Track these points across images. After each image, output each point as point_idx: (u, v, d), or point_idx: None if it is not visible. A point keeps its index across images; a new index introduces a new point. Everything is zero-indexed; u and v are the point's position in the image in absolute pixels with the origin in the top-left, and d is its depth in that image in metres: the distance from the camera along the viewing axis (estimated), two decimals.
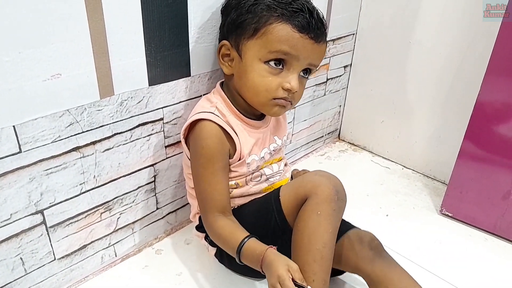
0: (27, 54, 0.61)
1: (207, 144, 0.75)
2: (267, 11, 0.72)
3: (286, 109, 0.79)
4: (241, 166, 0.80)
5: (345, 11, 1.19)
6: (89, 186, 0.78)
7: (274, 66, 0.73)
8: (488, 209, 1.02)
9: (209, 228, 0.78)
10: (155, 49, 0.77)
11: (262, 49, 0.73)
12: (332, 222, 0.71)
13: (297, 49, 0.72)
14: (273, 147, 0.86)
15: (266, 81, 0.74)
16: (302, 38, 0.72)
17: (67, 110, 0.69)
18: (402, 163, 1.33)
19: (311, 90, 1.22)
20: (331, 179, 0.73)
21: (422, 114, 1.22)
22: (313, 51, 0.74)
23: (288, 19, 0.71)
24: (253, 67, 0.74)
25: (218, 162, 0.76)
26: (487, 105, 0.94)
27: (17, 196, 0.68)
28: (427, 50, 1.15)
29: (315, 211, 0.71)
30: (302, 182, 0.75)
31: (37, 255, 0.75)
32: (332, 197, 0.71)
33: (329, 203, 0.71)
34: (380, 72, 1.27)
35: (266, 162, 0.85)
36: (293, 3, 0.72)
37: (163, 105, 0.83)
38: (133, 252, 0.93)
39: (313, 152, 1.38)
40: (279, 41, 0.71)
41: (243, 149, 0.78)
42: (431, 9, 1.11)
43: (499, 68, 0.90)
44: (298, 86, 0.75)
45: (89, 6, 0.65)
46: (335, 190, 0.72)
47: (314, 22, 0.72)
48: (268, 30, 0.72)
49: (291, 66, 0.74)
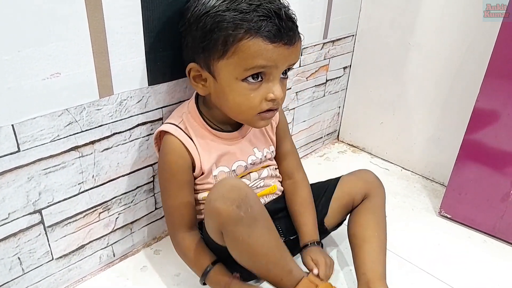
0: (27, 53, 0.61)
1: (168, 160, 0.76)
2: (233, 27, 0.66)
3: (273, 116, 0.77)
4: (207, 179, 0.79)
5: (344, 12, 1.20)
6: (87, 185, 0.78)
7: (253, 81, 0.70)
8: (487, 210, 1.02)
9: (176, 246, 0.81)
10: (155, 49, 0.77)
11: (237, 68, 0.68)
12: (251, 237, 0.67)
13: (273, 59, 0.68)
14: (252, 159, 0.82)
15: (249, 99, 0.71)
16: (276, 47, 0.67)
17: (66, 109, 0.69)
18: (401, 164, 1.33)
19: (310, 91, 1.22)
20: (225, 197, 0.65)
21: (421, 116, 1.23)
22: (289, 54, 0.70)
23: (257, 32, 0.65)
24: (231, 87, 0.70)
25: (181, 178, 0.77)
26: (486, 107, 0.95)
27: (15, 196, 0.68)
28: (426, 51, 1.15)
29: (232, 239, 0.68)
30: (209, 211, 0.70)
31: (35, 255, 0.75)
32: (235, 216, 0.65)
33: (234, 225, 0.66)
34: (379, 73, 1.27)
35: (242, 173, 0.82)
36: (258, 9, 0.66)
37: (162, 105, 0.83)
38: (131, 252, 0.93)
39: (312, 153, 1.38)
40: (253, 57, 0.67)
41: (203, 163, 0.77)
42: (430, 11, 1.11)
43: (499, 70, 0.90)
44: (281, 91, 0.72)
45: (89, 6, 0.65)
46: (236, 206, 0.64)
47: (284, 25, 0.67)
48: (239, 48, 0.66)
49: (270, 75, 0.70)
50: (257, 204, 0.69)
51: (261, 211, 0.70)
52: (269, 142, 0.87)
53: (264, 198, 0.85)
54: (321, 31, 1.14)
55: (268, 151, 0.86)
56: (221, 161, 0.79)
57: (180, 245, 0.80)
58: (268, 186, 0.86)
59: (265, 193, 0.85)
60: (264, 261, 0.70)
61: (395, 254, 0.96)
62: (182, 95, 0.85)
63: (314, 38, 1.13)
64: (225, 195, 0.66)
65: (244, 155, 0.82)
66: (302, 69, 1.15)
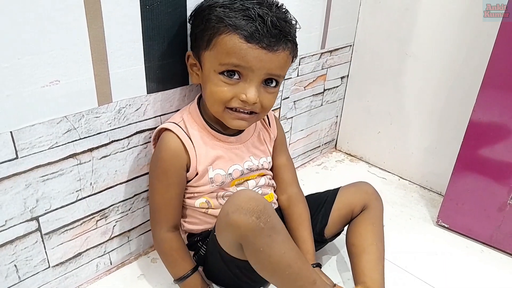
0: (27, 61, 0.61)
1: (162, 157, 0.76)
2: (217, 22, 0.69)
3: (251, 121, 0.76)
4: (202, 180, 0.78)
5: (342, 23, 1.21)
6: (85, 193, 0.78)
7: (228, 77, 0.71)
8: (484, 220, 1.03)
9: (158, 243, 0.81)
10: (154, 58, 0.77)
11: (215, 61, 0.71)
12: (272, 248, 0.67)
13: (247, 60, 0.68)
14: (248, 165, 0.82)
15: (221, 91, 0.71)
16: (252, 49, 0.68)
17: (65, 116, 0.69)
18: (398, 174, 1.33)
19: (308, 100, 1.23)
20: (244, 209, 0.65)
21: (418, 125, 1.23)
22: (268, 61, 0.69)
23: (236, 29, 0.68)
24: (210, 77, 0.72)
25: (172, 177, 0.77)
26: (483, 117, 0.95)
27: (12, 203, 0.68)
28: (423, 62, 1.16)
29: (252, 251, 0.68)
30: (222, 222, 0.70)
31: (31, 262, 0.75)
32: (255, 227, 0.65)
33: (254, 236, 0.66)
34: (376, 83, 1.28)
35: (238, 179, 0.82)
36: (246, 11, 0.68)
37: (160, 113, 0.83)
38: (128, 260, 0.93)
39: (310, 162, 1.38)
40: (227, 53, 0.69)
41: (198, 163, 0.77)
42: (427, 22, 1.12)
43: (495, 81, 0.91)
44: (256, 97, 0.71)
45: (89, 14, 0.65)
46: (256, 217, 0.65)
47: (265, 30, 0.67)
48: (218, 42, 0.69)
49: (247, 77, 0.71)
50: (274, 215, 0.69)
51: (279, 221, 0.70)
52: (267, 153, 0.87)
53: None
54: (319, 41, 1.16)
55: (265, 160, 0.86)
56: (217, 164, 0.79)
57: (162, 244, 0.80)
58: (266, 194, 0.86)
59: None
60: (287, 272, 0.69)
61: (392, 263, 0.96)
62: (181, 103, 0.86)
63: (312, 48, 1.14)
64: (243, 207, 0.65)
65: (241, 160, 0.82)
66: (300, 79, 1.16)
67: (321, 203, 0.90)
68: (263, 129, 0.88)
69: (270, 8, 0.70)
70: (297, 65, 1.12)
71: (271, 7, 0.70)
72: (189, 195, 0.80)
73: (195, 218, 0.82)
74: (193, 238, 0.84)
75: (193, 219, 0.83)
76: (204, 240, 0.82)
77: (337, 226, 0.90)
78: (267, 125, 0.89)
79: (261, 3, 0.70)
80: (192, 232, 0.84)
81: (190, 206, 0.81)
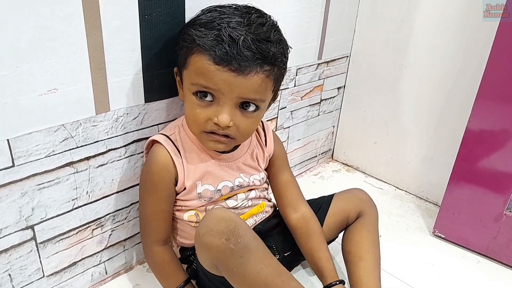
0: (25, 69, 0.61)
1: (151, 170, 0.76)
2: (190, 41, 0.68)
3: (228, 145, 0.75)
4: (190, 195, 0.77)
5: (339, 34, 1.22)
6: (81, 202, 0.77)
7: (200, 98, 0.69)
8: (480, 231, 1.03)
9: (148, 257, 0.82)
10: (152, 67, 0.78)
11: (188, 81, 0.70)
12: (246, 268, 0.66)
13: (215, 82, 0.66)
14: (239, 182, 0.81)
15: (195, 113, 0.71)
16: (220, 71, 0.65)
17: (62, 125, 0.69)
18: (395, 184, 1.33)
19: (305, 110, 1.24)
20: (213, 231, 0.64)
21: (415, 136, 1.24)
22: (238, 84, 0.66)
23: (205, 50, 0.66)
24: (187, 97, 0.72)
25: (162, 190, 0.76)
26: (478, 127, 0.96)
27: (8, 211, 0.67)
28: (419, 72, 1.17)
29: (226, 271, 0.68)
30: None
31: (26, 272, 0.74)
32: (225, 249, 0.64)
33: (225, 258, 0.65)
34: (373, 93, 1.29)
35: (228, 194, 0.81)
36: (219, 31, 0.66)
37: (158, 122, 0.84)
38: (124, 269, 0.92)
39: (306, 171, 1.38)
40: (196, 73, 0.68)
41: (186, 178, 0.76)
42: (422, 33, 1.14)
43: (490, 91, 0.92)
44: (229, 121, 0.69)
45: (88, 23, 0.66)
46: (225, 239, 0.64)
47: (235, 52, 0.64)
48: (190, 61, 0.69)
49: (220, 100, 0.68)
50: (247, 233, 0.67)
51: (252, 240, 0.67)
52: (259, 169, 0.85)
53: (254, 217, 0.85)
54: (316, 52, 1.16)
55: (257, 178, 0.84)
56: (206, 179, 0.78)
57: (153, 258, 0.80)
58: (256, 205, 0.85)
59: (254, 212, 0.85)
60: None
61: (389, 274, 0.96)
62: (178, 112, 0.86)
63: (309, 58, 1.15)
64: (213, 229, 0.64)
65: (231, 177, 0.80)
66: (297, 89, 1.17)
67: (315, 209, 0.89)
68: (257, 146, 0.86)
69: (249, 27, 0.67)
70: (294, 76, 1.13)
71: (250, 26, 0.67)
72: (178, 207, 0.80)
73: (185, 232, 0.82)
74: (185, 252, 0.84)
75: (183, 233, 0.82)
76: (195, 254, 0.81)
77: (332, 232, 0.90)
78: (263, 143, 0.87)
79: (241, 22, 0.67)
80: (184, 246, 0.84)
81: (179, 219, 0.81)
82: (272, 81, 0.71)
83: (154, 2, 0.73)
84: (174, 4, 0.76)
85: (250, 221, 0.84)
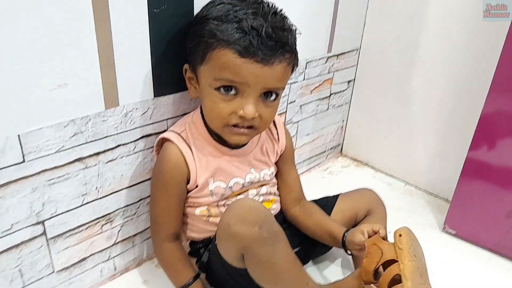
0: (35, 64, 0.61)
1: (163, 169, 0.76)
2: (210, 36, 0.67)
3: (251, 136, 0.75)
4: (202, 192, 0.77)
5: (349, 27, 1.20)
6: (91, 197, 0.77)
7: (224, 92, 0.69)
8: (491, 227, 1.02)
9: (158, 253, 0.82)
10: (161, 61, 0.77)
11: (210, 76, 0.69)
12: (275, 257, 0.68)
13: (242, 75, 0.66)
14: (250, 178, 0.81)
15: (218, 108, 0.70)
16: (247, 63, 0.65)
17: (72, 120, 0.69)
18: (404, 179, 1.32)
19: (314, 104, 1.23)
20: (246, 220, 0.65)
21: (425, 131, 1.22)
22: (264, 75, 0.67)
23: (229, 44, 0.65)
24: (207, 92, 0.71)
25: (173, 189, 0.76)
26: (491, 122, 0.94)
27: (19, 206, 0.67)
28: (430, 66, 1.16)
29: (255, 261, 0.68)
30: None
31: (36, 267, 0.74)
32: (259, 238, 0.65)
33: (258, 247, 0.66)
34: (383, 87, 1.28)
35: (239, 191, 0.81)
36: (239, 23, 0.65)
37: (167, 116, 0.83)
38: (133, 265, 0.92)
39: (315, 167, 1.37)
40: (221, 68, 0.66)
41: (198, 176, 0.76)
42: (433, 27, 1.12)
43: (503, 86, 0.90)
44: (254, 112, 0.69)
45: (97, 19, 0.65)
46: (258, 227, 0.65)
47: (260, 43, 0.64)
48: (212, 57, 0.67)
49: (244, 92, 0.68)
50: (275, 222, 0.69)
51: (279, 228, 0.70)
52: (269, 164, 0.86)
53: None
54: (325, 45, 1.15)
55: (267, 172, 0.84)
56: (218, 176, 0.78)
57: (163, 254, 0.80)
58: (267, 200, 0.86)
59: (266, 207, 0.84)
60: (287, 277, 0.70)
61: None
62: (187, 107, 0.85)
63: (318, 52, 1.14)
64: (245, 218, 0.65)
65: (242, 173, 0.80)
66: (306, 82, 1.15)
67: (321, 207, 0.89)
68: (267, 140, 0.86)
69: (266, 17, 0.67)
70: (304, 69, 1.12)
71: (266, 16, 0.67)
72: (190, 204, 0.80)
73: (196, 226, 0.82)
74: (195, 245, 0.83)
75: (194, 227, 0.82)
76: (206, 247, 0.81)
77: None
78: (274, 139, 0.87)
79: (256, 12, 0.67)
80: (194, 240, 0.84)
81: (190, 215, 0.81)
82: (290, 68, 0.73)
83: None
84: None
85: None
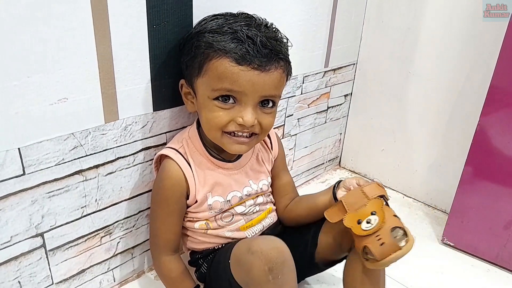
0: (36, 79, 0.62)
1: (163, 185, 0.76)
2: (207, 47, 0.69)
3: (251, 144, 0.75)
4: (201, 207, 0.78)
5: (345, 42, 1.22)
6: (90, 209, 0.78)
7: (223, 102, 0.70)
8: (490, 239, 1.02)
9: (157, 266, 0.82)
10: (160, 76, 0.79)
11: (208, 87, 0.70)
12: None
13: (240, 84, 0.67)
14: (247, 191, 0.81)
15: (216, 116, 0.71)
16: (244, 71, 0.67)
17: (72, 133, 0.70)
18: (402, 191, 1.33)
19: (312, 117, 1.24)
20: (263, 255, 0.64)
21: (422, 143, 1.23)
22: (261, 82, 0.68)
23: (226, 53, 0.67)
24: (205, 104, 0.72)
25: (173, 205, 0.77)
26: (487, 134, 0.95)
27: (18, 219, 0.68)
28: (426, 79, 1.17)
29: None
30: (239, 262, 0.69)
31: (35, 279, 0.75)
32: (262, 278, 0.64)
33: (258, 285, 0.65)
34: (380, 101, 1.29)
35: (237, 203, 0.81)
36: (235, 34, 0.68)
37: (166, 130, 0.84)
38: (131, 277, 0.92)
39: (314, 179, 1.38)
40: (219, 78, 0.68)
41: (197, 192, 0.77)
42: (429, 41, 1.14)
43: (498, 98, 0.92)
44: (254, 119, 0.70)
45: (98, 33, 0.67)
46: (268, 268, 0.63)
47: (256, 51, 0.66)
48: (209, 67, 0.69)
49: (242, 101, 0.70)
50: (290, 273, 0.67)
51: (290, 280, 0.67)
52: (267, 173, 0.87)
53: (262, 223, 0.85)
54: (322, 59, 1.17)
55: (265, 183, 0.85)
56: (216, 191, 0.79)
57: (162, 268, 0.81)
58: (264, 210, 0.86)
59: (262, 217, 0.85)
60: None
61: (397, 282, 0.95)
62: (186, 120, 0.87)
63: (315, 66, 1.16)
64: (263, 252, 0.64)
65: (240, 186, 0.81)
66: (304, 96, 1.17)
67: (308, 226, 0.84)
68: (262, 149, 0.87)
69: (259, 28, 0.70)
70: (301, 83, 1.14)
71: (260, 27, 0.70)
72: (189, 219, 0.81)
73: (195, 239, 0.82)
74: (195, 255, 0.84)
75: (194, 239, 0.83)
76: (205, 258, 0.82)
77: (328, 251, 0.82)
78: (268, 147, 0.88)
79: (249, 24, 0.70)
80: (194, 250, 0.84)
81: (190, 228, 0.81)
82: (285, 77, 0.74)
83: (162, 12, 0.74)
84: (182, 14, 0.77)
85: (258, 226, 0.84)
